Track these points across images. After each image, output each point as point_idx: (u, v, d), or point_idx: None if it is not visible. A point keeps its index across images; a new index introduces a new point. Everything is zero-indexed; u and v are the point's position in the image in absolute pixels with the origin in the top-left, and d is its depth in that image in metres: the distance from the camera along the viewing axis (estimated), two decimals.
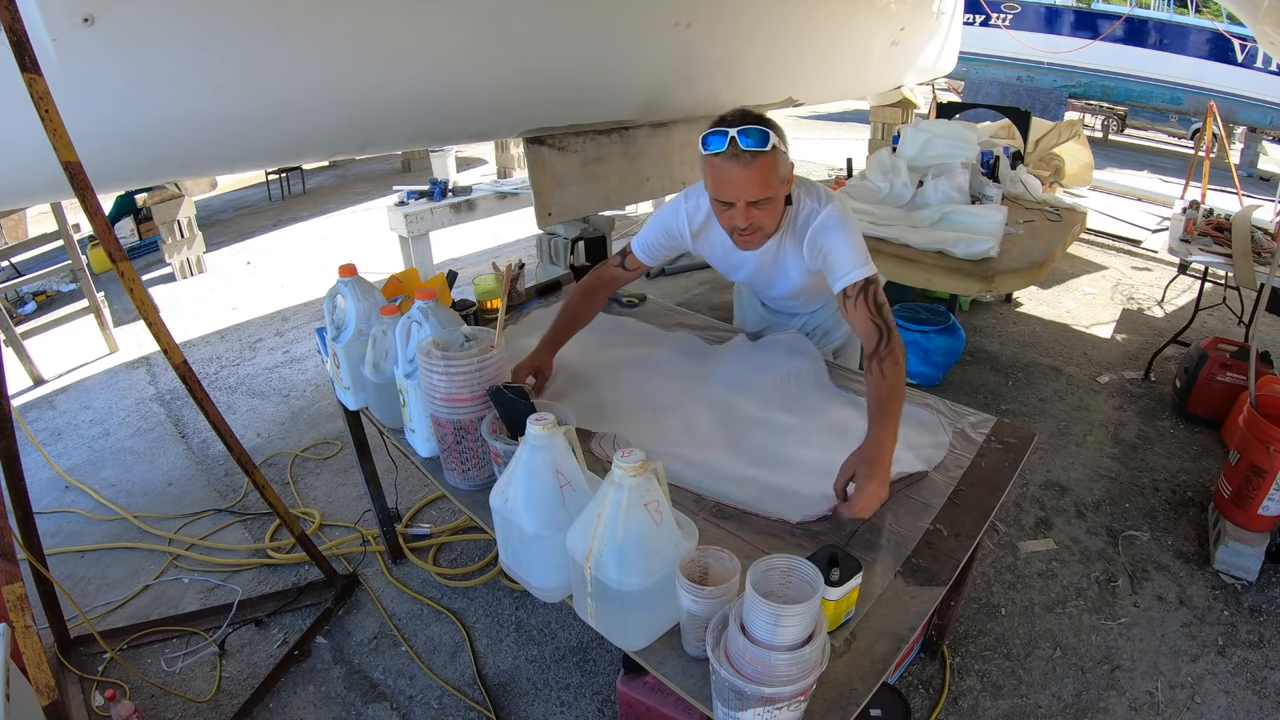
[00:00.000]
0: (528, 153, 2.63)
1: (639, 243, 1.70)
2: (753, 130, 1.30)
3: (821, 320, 1.95)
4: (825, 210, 1.49)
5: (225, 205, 6.85)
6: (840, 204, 1.51)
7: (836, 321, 1.95)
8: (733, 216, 1.40)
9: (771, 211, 1.42)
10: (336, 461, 2.85)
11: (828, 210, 1.49)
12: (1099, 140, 9.32)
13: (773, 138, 1.32)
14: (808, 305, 1.90)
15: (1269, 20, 3.53)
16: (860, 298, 1.45)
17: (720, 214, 1.44)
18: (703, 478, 1.40)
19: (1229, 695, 1.82)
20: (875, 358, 1.42)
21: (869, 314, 1.44)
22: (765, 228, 1.44)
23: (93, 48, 1.45)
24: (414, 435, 1.53)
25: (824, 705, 0.96)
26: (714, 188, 1.40)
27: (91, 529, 2.52)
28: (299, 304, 4.46)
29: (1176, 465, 2.72)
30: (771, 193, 1.37)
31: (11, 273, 4.48)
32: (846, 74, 3.99)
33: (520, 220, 5.49)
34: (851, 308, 1.46)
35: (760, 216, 1.40)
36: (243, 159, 2.04)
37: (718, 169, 1.35)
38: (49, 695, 1.30)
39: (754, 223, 1.40)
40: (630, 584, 0.98)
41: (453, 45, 2.04)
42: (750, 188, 1.35)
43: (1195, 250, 2.99)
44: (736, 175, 1.33)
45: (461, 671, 1.93)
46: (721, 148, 1.31)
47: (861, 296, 1.45)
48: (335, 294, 1.63)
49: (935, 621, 1.84)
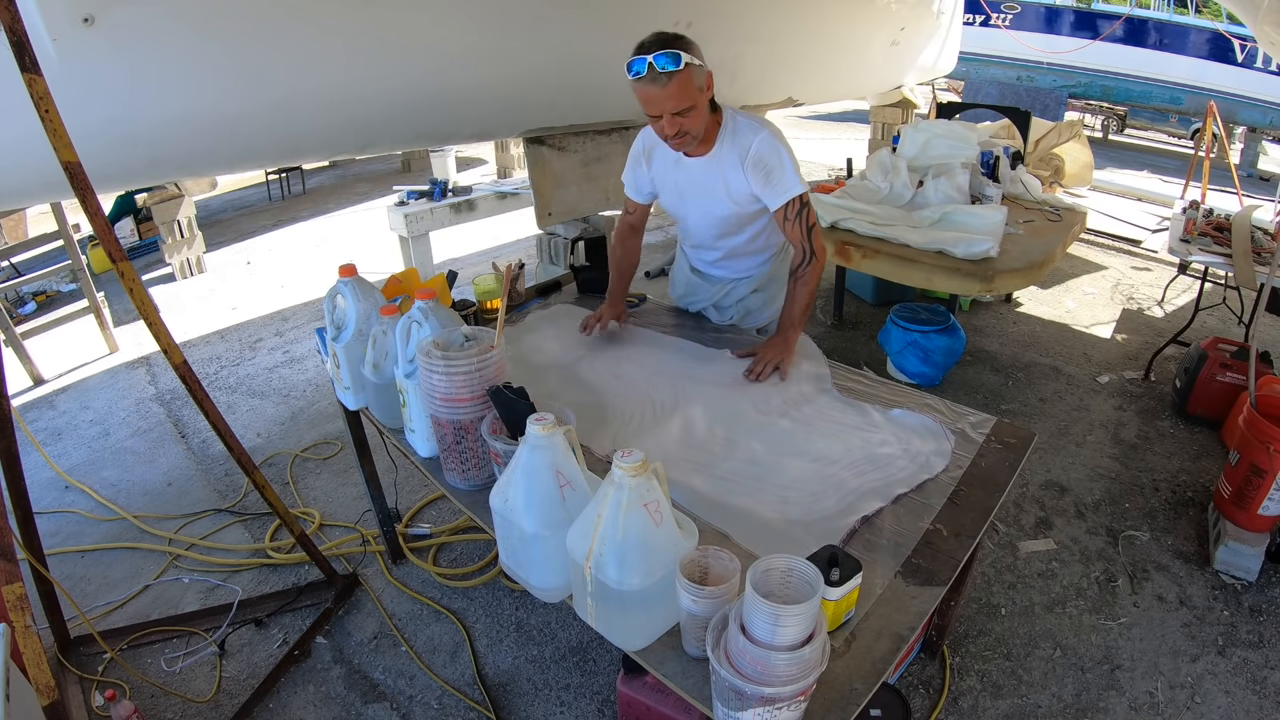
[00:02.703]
0: (528, 153, 2.63)
1: (626, 184, 1.96)
2: (665, 55, 1.48)
3: (742, 295, 2.05)
4: (764, 133, 1.69)
5: (225, 205, 6.85)
6: (776, 129, 1.71)
7: (760, 303, 2.06)
8: (662, 127, 1.59)
9: (695, 117, 1.59)
10: (336, 461, 2.85)
11: (766, 133, 1.69)
12: (1099, 140, 9.32)
13: (684, 56, 1.49)
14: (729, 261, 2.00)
15: (1269, 20, 3.53)
16: (798, 218, 1.71)
17: (654, 125, 1.63)
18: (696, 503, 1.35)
19: (1229, 695, 1.82)
20: (796, 276, 1.77)
21: (801, 234, 1.73)
22: (692, 130, 1.61)
23: (93, 48, 1.46)
24: (414, 435, 1.53)
25: (824, 705, 0.96)
26: (642, 106, 1.57)
27: (91, 529, 2.52)
28: (299, 304, 4.46)
29: (1176, 465, 2.72)
30: (690, 102, 1.55)
31: (11, 273, 4.48)
32: (847, 74, 3.99)
33: (520, 220, 5.49)
34: (790, 226, 1.73)
35: (685, 122, 1.58)
36: (243, 159, 2.05)
37: (641, 90, 1.54)
38: (49, 695, 1.30)
39: (681, 128, 1.58)
40: (630, 584, 0.98)
41: (453, 45, 2.05)
42: (669, 102, 1.53)
43: (1195, 250, 2.99)
44: (657, 94, 1.52)
45: (461, 671, 1.93)
46: (642, 72, 1.49)
47: (799, 217, 1.71)
48: (335, 294, 1.63)
49: (935, 621, 1.83)
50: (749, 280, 2.03)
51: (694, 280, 2.10)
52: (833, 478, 1.41)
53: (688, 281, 2.13)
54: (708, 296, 2.08)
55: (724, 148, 1.71)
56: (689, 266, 2.12)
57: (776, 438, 1.54)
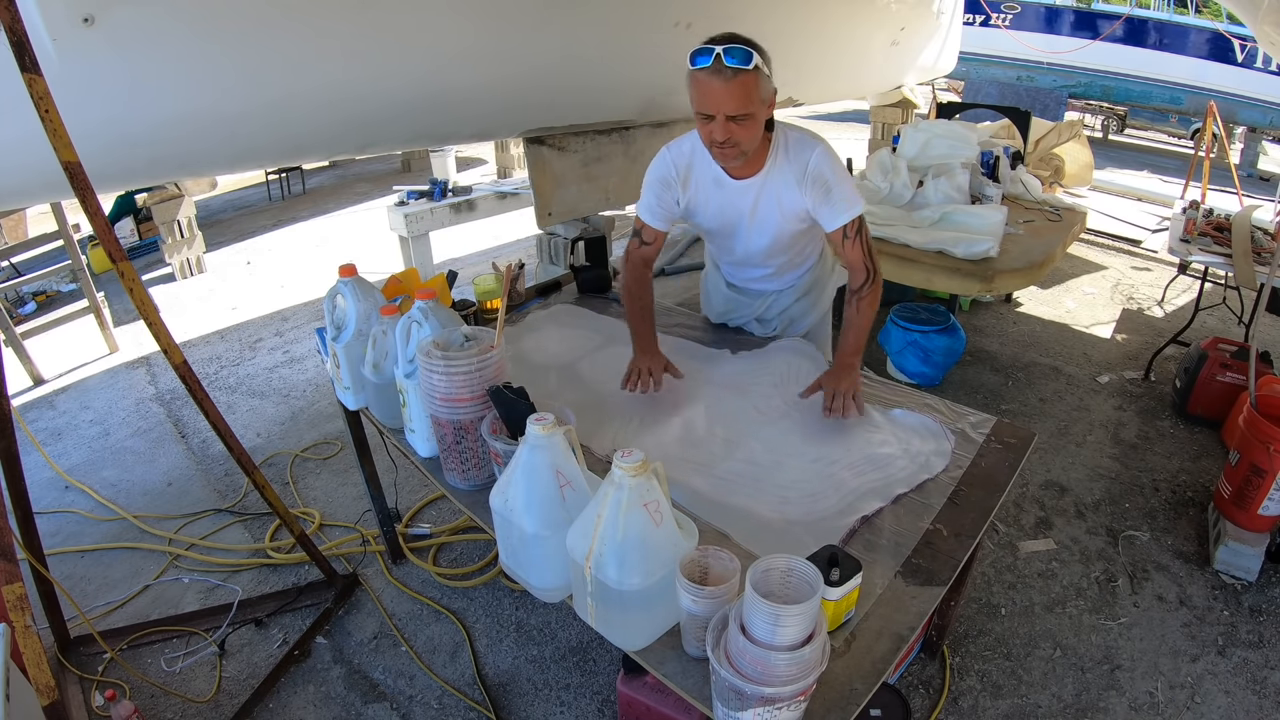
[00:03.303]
0: (528, 153, 2.63)
1: (644, 210, 1.73)
2: (737, 49, 1.36)
3: (786, 305, 1.96)
4: (820, 148, 1.58)
5: (225, 205, 6.85)
6: (827, 142, 1.61)
7: (803, 310, 1.97)
8: (712, 130, 1.45)
9: (749, 129, 1.45)
10: (336, 461, 2.85)
11: (822, 148, 1.58)
12: (1099, 140, 9.32)
13: (756, 58, 1.38)
14: (775, 277, 1.90)
15: (1269, 20, 3.53)
16: (857, 237, 1.60)
17: (701, 129, 1.49)
18: (696, 503, 1.36)
19: (1229, 695, 1.82)
20: (857, 295, 1.64)
21: (863, 254, 1.61)
22: (742, 144, 1.47)
23: (93, 48, 1.45)
24: (414, 435, 1.53)
25: (824, 705, 0.96)
26: (697, 101, 1.44)
27: (91, 529, 2.52)
28: (299, 304, 4.46)
29: (1176, 465, 2.72)
30: (751, 109, 1.41)
31: (11, 273, 4.48)
32: (847, 74, 3.99)
33: (520, 220, 5.49)
34: (850, 246, 1.60)
35: (738, 131, 1.44)
36: (243, 159, 2.04)
37: (701, 83, 1.41)
38: (49, 695, 1.30)
39: (732, 136, 1.44)
40: (630, 584, 0.98)
41: (453, 45, 2.04)
42: (730, 101, 1.40)
43: (1195, 250, 2.99)
44: (718, 89, 1.39)
45: (461, 671, 1.93)
46: (707, 63, 1.37)
47: (858, 236, 1.60)
48: (335, 294, 1.63)
49: (935, 621, 1.83)
50: (793, 289, 1.93)
51: (733, 296, 1.99)
52: (833, 477, 1.41)
53: (726, 298, 2.01)
54: (750, 311, 1.98)
55: (777, 165, 1.59)
56: (725, 283, 2.00)
57: (776, 438, 1.54)
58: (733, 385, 1.73)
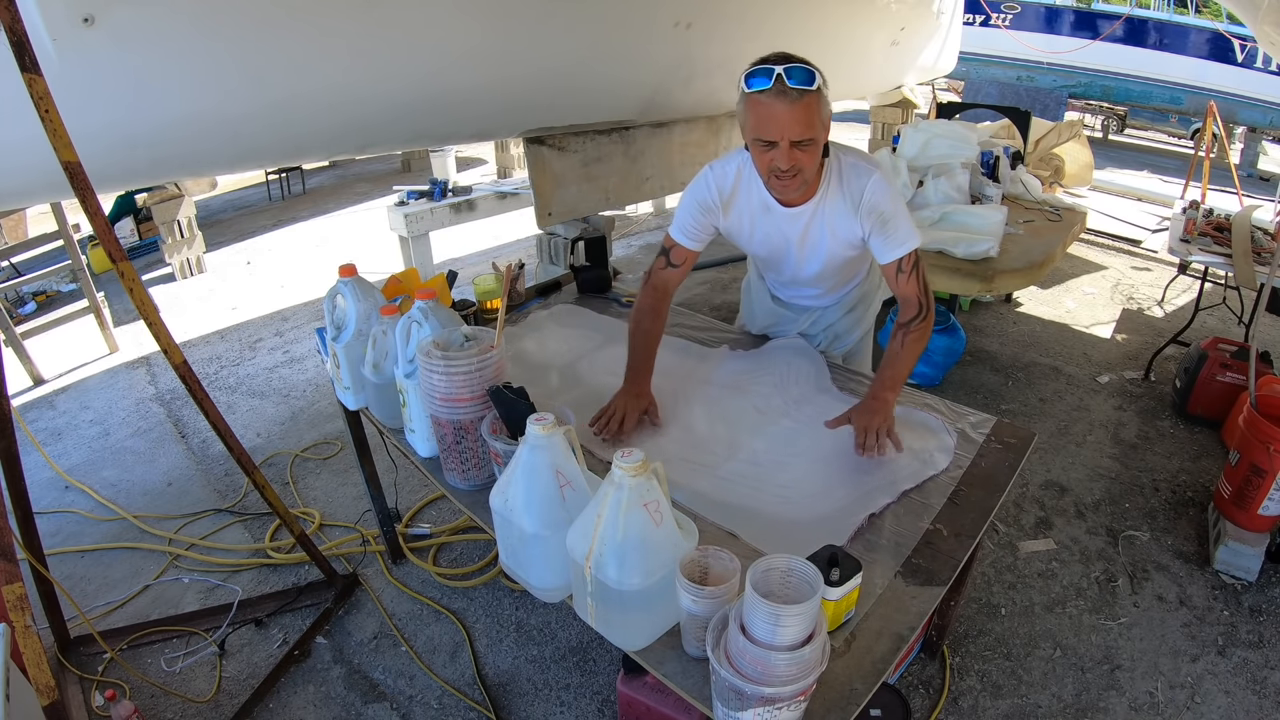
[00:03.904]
0: (528, 153, 2.63)
1: (677, 230, 1.62)
2: (798, 69, 1.27)
3: (833, 320, 1.89)
4: (876, 175, 1.47)
5: (225, 205, 6.85)
6: (886, 169, 1.52)
7: (849, 325, 1.91)
8: (774, 157, 1.35)
9: (813, 154, 1.37)
10: (336, 461, 2.85)
11: (878, 176, 1.47)
12: (1099, 140, 9.31)
13: (818, 78, 1.29)
14: (824, 296, 1.84)
15: (1269, 20, 3.53)
16: (914, 271, 1.50)
17: (759, 157, 1.39)
18: (700, 503, 1.36)
19: (1229, 695, 1.82)
20: (904, 328, 1.51)
21: (918, 288, 1.51)
22: (806, 172, 1.39)
23: (93, 48, 1.45)
24: (414, 435, 1.53)
25: (824, 705, 0.96)
26: (756, 127, 1.34)
27: (91, 529, 2.52)
28: (299, 304, 4.46)
29: (1176, 465, 2.72)
30: (814, 134, 1.33)
31: (11, 273, 4.48)
32: (846, 74, 3.98)
33: (520, 220, 5.49)
34: (904, 280, 1.51)
35: (803, 158, 1.35)
36: (243, 159, 2.04)
37: (762, 106, 1.30)
38: (49, 695, 1.30)
39: (796, 164, 1.35)
40: (630, 584, 0.98)
41: (453, 46, 2.04)
42: (795, 126, 1.30)
43: (1195, 250, 2.99)
44: (782, 113, 1.29)
45: (461, 671, 1.93)
46: (767, 85, 1.27)
47: (915, 270, 1.50)
48: (335, 294, 1.63)
49: (935, 621, 1.83)
50: (840, 305, 1.88)
51: (777, 310, 1.92)
52: (835, 475, 1.41)
53: (770, 311, 1.94)
54: (794, 326, 1.91)
55: (830, 193, 1.49)
56: (770, 295, 1.93)
57: (778, 437, 1.54)
58: (733, 385, 1.73)
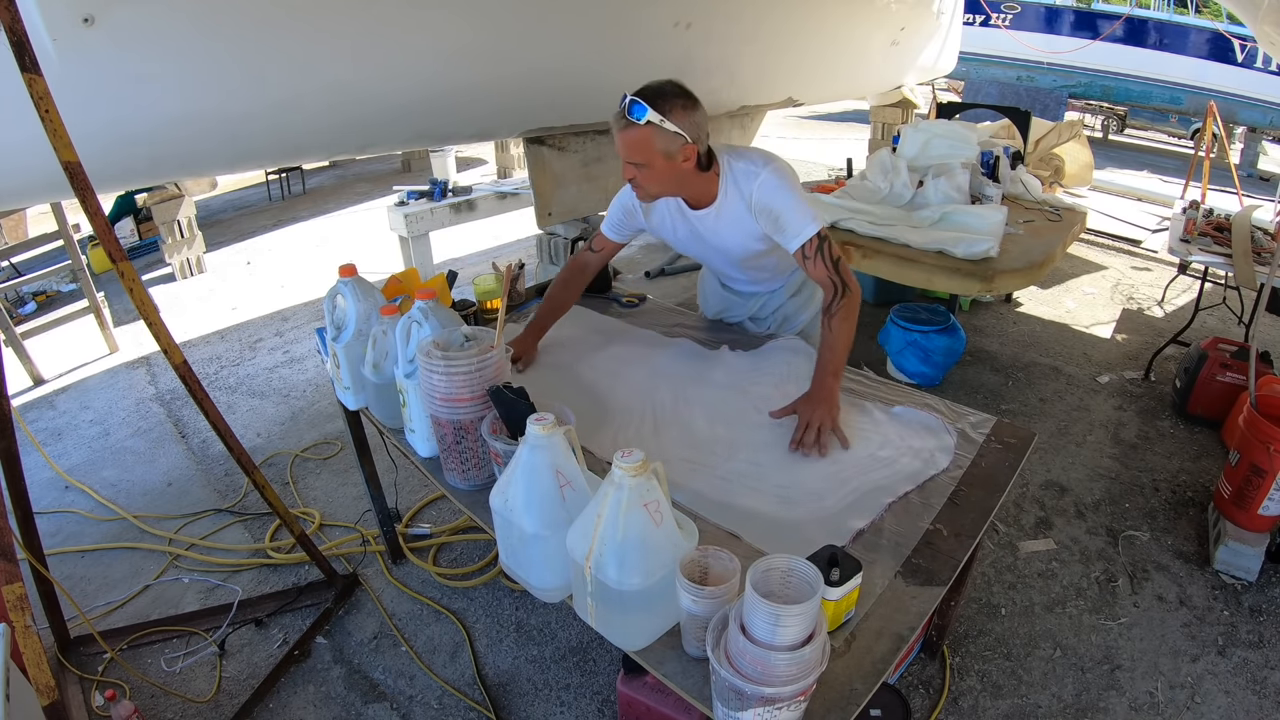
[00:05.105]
0: (528, 153, 2.63)
1: (606, 224, 1.83)
2: (636, 104, 1.41)
3: (780, 303, 1.99)
4: (765, 173, 1.56)
5: (225, 205, 6.85)
6: (778, 164, 1.59)
7: (796, 307, 2.00)
8: (623, 168, 1.52)
9: (650, 177, 1.50)
10: (336, 461, 2.85)
11: (767, 173, 1.56)
12: (1099, 140, 9.32)
13: (652, 115, 1.40)
14: (766, 282, 1.94)
15: (1269, 20, 3.53)
16: (817, 256, 1.56)
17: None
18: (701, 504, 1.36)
19: (1229, 695, 1.82)
20: (828, 313, 1.56)
21: (827, 270, 1.56)
22: (646, 186, 1.53)
23: (93, 48, 1.45)
24: (414, 435, 1.53)
25: (824, 705, 0.96)
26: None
27: (91, 529, 2.52)
28: (299, 304, 4.46)
29: (1176, 465, 2.72)
30: (642, 159, 1.47)
31: (11, 273, 4.48)
32: (846, 74, 3.99)
33: (520, 220, 5.49)
34: (811, 265, 1.57)
35: (640, 175, 1.50)
36: (243, 159, 2.04)
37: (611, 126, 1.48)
38: (49, 695, 1.30)
39: (635, 179, 1.51)
40: (630, 584, 0.98)
41: (453, 46, 2.04)
42: (624, 149, 1.47)
43: (1195, 250, 2.99)
44: (616, 136, 1.47)
45: (461, 671, 1.93)
46: (618, 108, 1.43)
47: (818, 254, 1.56)
48: (335, 294, 1.63)
49: (935, 621, 1.83)
50: (784, 289, 1.98)
51: (727, 296, 2.05)
52: (837, 476, 1.41)
53: (721, 297, 2.07)
54: (744, 310, 2.03)
55: (728, 198, 1.62)
56: (719, 283, 2.05)
57: (779, 437, 1.54)
58: (732, 385, 1.73)
